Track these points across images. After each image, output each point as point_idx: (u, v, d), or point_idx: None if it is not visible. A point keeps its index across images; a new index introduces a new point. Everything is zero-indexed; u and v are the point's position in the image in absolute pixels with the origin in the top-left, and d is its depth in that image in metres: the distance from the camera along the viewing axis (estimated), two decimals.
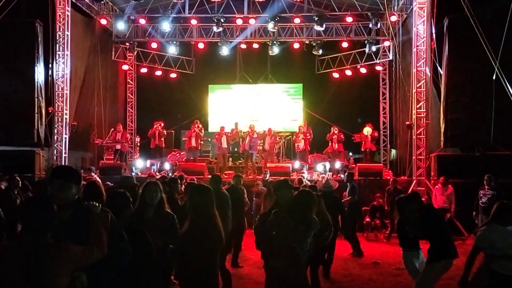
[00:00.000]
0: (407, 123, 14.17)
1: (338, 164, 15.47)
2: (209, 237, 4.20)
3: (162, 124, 16.77)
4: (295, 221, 4.39)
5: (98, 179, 12.18)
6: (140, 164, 16.19)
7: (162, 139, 16.65)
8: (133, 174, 15.07)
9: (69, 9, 14.64)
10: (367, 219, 12.36)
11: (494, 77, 11.30)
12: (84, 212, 3.15)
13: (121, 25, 17.46)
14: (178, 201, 6.69)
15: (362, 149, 16.89)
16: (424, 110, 13.52)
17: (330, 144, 16.58)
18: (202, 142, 16.98)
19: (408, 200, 6.24)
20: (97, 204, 3.24)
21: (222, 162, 16.16)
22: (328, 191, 8.53)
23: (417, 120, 13.58)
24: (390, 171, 16.73)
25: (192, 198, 4.44)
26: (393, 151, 18.84)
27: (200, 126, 17.08)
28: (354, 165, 15.76)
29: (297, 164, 15.90)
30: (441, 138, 13.51)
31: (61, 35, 14.40)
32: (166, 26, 17.23)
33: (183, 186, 9.14)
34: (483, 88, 12.77)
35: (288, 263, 4.30)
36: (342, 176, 13.87)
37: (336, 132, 16.43)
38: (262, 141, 16.59)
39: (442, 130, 13.45)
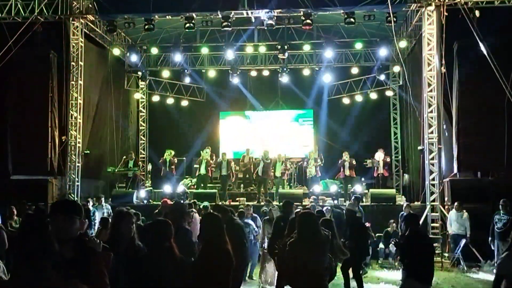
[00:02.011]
0: (419, 148, 14.10)
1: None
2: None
3: (173, 153, 16.85)
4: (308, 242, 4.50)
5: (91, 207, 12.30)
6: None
7: (173, 167, 16.69)
8: (145, 201, 15.12)
9: (83, 40, 14.94)
10: (381, 246, 12.21)
11: (505, 102, 11.28)
12: (86, 250, 3.10)
13: (133, 56, 17.75)
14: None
15: (375, 175, 16.78)
16: (436, 135, 13.46)
17: (341, 170, 16.50)
18: (213, 169, 16.99)
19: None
20: (98, 241, 3.19)
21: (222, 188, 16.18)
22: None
23: (429, 145, 13.51)
24: (403, 197, 16.59)
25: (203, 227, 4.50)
26: (406, 176, 18.69)
27: (210, 152, 17.08)
28: (366, 191, 15.65)
29: (315, 188, 15.73)
30: (454, 163, 13.40)
31: (74, 65, 14.66)
32: (178, 57, 17.47)
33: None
34: (494, 112, 12.74)
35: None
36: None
37: (347, 157, 16.36)
38: (273, 167, 16.56)
39: (455, 154, 13.36)
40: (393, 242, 9.13)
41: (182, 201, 11.41)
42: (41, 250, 2.59)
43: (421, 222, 12.42)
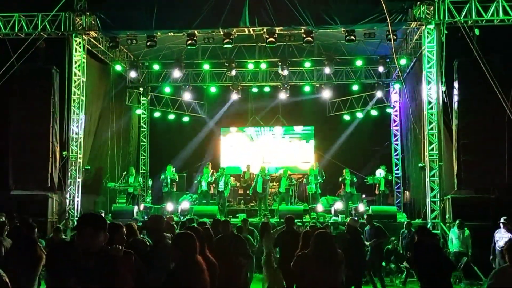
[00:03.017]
0: (420, 165, 14.08)
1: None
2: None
3: (173, 169, 16.84)
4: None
5: None
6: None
7: (174, 183, 16.68)
8: (145, 217, 15.05)
9: (85, 55, 15.02)
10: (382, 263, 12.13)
11: (506, 119, 11.30)
12: (108, 259, 3.18)
13: (135, 72, 17.85)
14: None
15: (375, 192, 16.75)
16: (437, 152, 13.46)
17: (342, 186, 16.47)
18: (214, 185, 16.96)
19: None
20: (120, 247, 3.29)
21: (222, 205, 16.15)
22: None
23: (430, 162, 13.50)
24: (404, 214, 16.53)
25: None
26: (407, 193, 18.65)
27: (211, 169, 17.08)
28: (367, 208, 15.60)
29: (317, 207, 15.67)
30: (455, 180, 13.38)
31: (76, 81, 14.72)
32: (177, 73, 17.54)
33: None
34: (495, 129, 12.76)
35: None
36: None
37: (348, 174, 16.34)
38: (277, 183, 16.56)
39: (456, 172, 13.34)
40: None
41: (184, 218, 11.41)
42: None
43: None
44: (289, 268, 5.55)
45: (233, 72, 17.60)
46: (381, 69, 17.40)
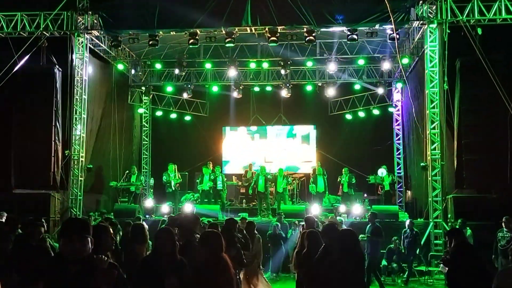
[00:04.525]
0: (422, 164, 14.07)
1: (357, 209, 15.24)
2: None
3: (175, 167, 16.81)
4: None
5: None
6: (149, 204, 16.17)
7: (177, 183, 16.69)
8: (147, 216, 15.07)
9: (87, 54, 15.03)
10: (384, 263, 12.13)
11: (508, 119, 11.28)
12: (91, 267, 3.15)
13: (137, 71, 17.88)
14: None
15: (377, 191, 16.73)
16: (439, 152, 13.44)
17: (341, 186, 16.47)
18: (215, 185, 16.94)
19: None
20: (105, 259, 3.24)
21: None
22: None
23: (432, 161, 13.49)
24: (406, 213, 16.51)
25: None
26: (409, 193, 18.63)
27: (212, 168, 17.06)
28: (369, 207, 15.58)
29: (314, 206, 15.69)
30: (457, 179, 13.36)
31: (79, 80, 14.73)
32: (180, 71, 17.59)
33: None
34: (497, 129, 12.74)
35: None
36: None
37: (346, 174, 16.31)
38: (274, 183, 16.54)
39: (458, 171, 13.32)
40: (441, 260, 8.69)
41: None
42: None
43: (423, 239, 12.44)
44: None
45: (234, 72, 17.58)
46: (383, 68, 17.38)
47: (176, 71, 17.61)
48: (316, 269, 5.15)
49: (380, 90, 18.75)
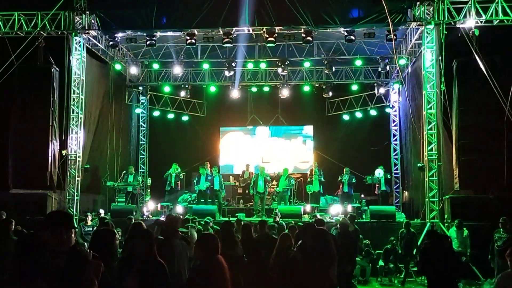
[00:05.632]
0: (419, 165, 14.10)
1: (350, 208, 15.29)
2: None
3: (178, 168, 16.85)
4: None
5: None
6: (151, 206, 16.21)
7: (178, 182, 16.68)
8: (144, 216, 15.06)
9: (85, 54, 15.02)
10: (381, 263, 12.14)
11: (505, 119, 11.32)
12: (78, 259, 3.17)
13: (134, 71, 17.85)
14: None
15: (374, 191, 16.76)
16: (436, 152, 13.47)
17: (340, 186, 16.49)
18: (212, 185, 16.94)
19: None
20: (89, 251, 3.30)
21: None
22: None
23: (428, 162, 13.52)
24: (403, 214, 16.55)
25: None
26: (406, 193, 18.67)
27: (209, 168, 17.06)
28: (366, 208, 15.61)
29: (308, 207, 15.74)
30: (454, 180, 13.40)
31: (76, 80, 14.72)
32: (178, 70, 17.62)
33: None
34: (494, 130, 12.75)
35: None
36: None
37: (347, 174, 16.34)
38: (276, 182, 16.56)
39: (455, 172, 13.36)
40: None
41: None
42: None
43: (420, 239, 12.45)
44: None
45: (231, 72, 17.59)
46: (380, 69, 17.41)
47: (178, 71, 17.60)
48: (291, 266, 5.28)
49: (377, 91, 18.78)
